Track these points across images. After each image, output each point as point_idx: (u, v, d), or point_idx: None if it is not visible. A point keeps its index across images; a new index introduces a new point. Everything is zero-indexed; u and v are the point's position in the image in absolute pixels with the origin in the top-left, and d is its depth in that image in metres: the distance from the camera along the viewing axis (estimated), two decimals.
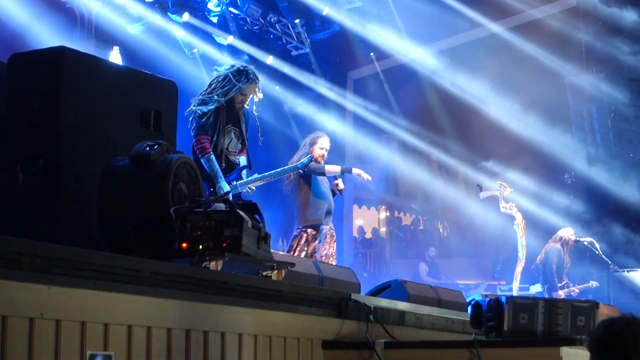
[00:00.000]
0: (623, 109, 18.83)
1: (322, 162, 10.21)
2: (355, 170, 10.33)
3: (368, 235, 25.63)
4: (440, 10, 17.97)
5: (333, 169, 10.22)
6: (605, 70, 18.80)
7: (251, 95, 8.54)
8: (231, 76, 8.36)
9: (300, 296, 5.02)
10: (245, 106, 8.61)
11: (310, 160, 9.55)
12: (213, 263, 4.64)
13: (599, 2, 18.79)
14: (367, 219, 26.88)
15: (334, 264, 9.90)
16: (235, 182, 8.42)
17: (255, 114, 8.72)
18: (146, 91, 5.86)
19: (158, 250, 4.63)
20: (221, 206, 4.85)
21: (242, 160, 8.68)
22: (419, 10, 18.03)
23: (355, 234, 24.25)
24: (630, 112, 18.78)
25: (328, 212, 10.36)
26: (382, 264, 24.09)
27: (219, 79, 8.42)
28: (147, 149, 4.97)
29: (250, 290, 4.63)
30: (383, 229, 27.17)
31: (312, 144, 10.26)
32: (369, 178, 10.53)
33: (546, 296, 13.17)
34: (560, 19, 19.02)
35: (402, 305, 6.03)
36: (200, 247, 4.63)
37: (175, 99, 6.10)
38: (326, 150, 10.30)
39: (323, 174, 10.20)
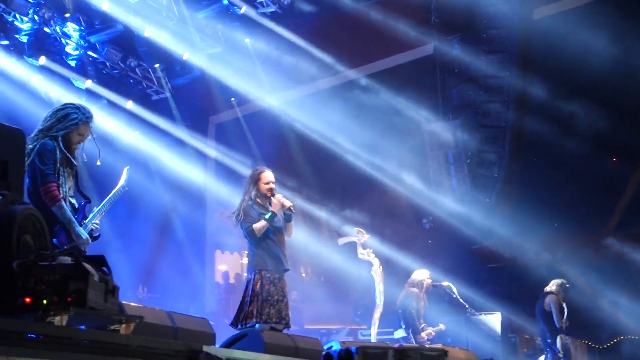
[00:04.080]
0: (478, 154, 19.23)
1: (270, 196, 9.82)
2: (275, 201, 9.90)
3: (231, 281, 25.38)
4: (299, 57, 18.09)
5: (260, 225, 9.85)
6: (461, 116, 19.18)
7: (88, 135, 7.74)
8: (71, 112, 7.59)
9: (149, 350, 4.92)
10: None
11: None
12: (58, 318, 4.51)
13: (455, 50, 19.24)
14: (230, 264, 26.64)
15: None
16: (85, 221, 7.99)
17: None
18: None
19: (0, 306, 4.48)
20: (67, 259, 4.72)
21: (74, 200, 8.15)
22: (278, 57, 18.14)
23: (218, 279, 24.02)
24: (485, 157, 19.20)
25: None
26: None
27: (57, 116, 7.54)
28: None
29: (96, 345, 4.51)
30: (246, 274, 26.82)
31: (256, 181, 9.92)
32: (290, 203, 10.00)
33: (411, 339, 13.23)
34: (417, 66, 19.40)
35: (255, 357, 5.99)
36: (44, 301, 4.49)
37: (22, 147, 5.94)
38: (273, 183, 9.93)
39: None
